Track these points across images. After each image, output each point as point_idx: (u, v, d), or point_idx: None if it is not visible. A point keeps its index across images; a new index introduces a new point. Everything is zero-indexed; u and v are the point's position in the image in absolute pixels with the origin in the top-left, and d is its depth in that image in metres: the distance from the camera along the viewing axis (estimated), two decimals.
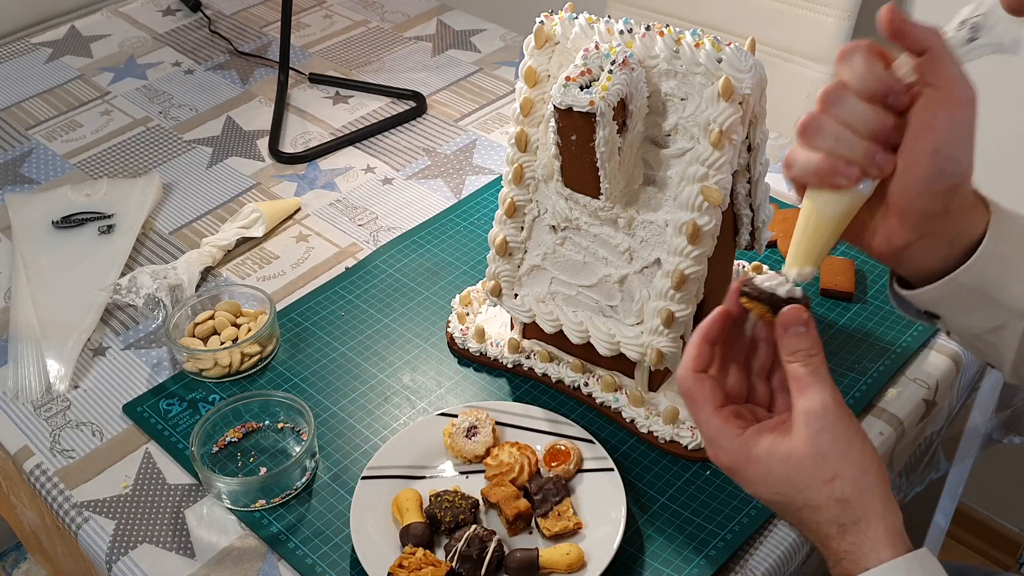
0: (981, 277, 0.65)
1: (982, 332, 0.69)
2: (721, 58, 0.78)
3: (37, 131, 1.37)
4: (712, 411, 0.65)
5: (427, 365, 0.99)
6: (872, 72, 0.60)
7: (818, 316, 1.01)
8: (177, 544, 0.84)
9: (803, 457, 0.62)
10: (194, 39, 1.58)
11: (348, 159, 1.30)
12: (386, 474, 0.86)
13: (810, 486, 0.62)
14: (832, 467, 0.61)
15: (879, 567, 0.60)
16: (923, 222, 0.63)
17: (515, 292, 0.93)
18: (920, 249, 0.65)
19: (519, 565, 0.78)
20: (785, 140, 1.28)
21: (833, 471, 0.61)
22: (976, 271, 0.65)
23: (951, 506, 1.33)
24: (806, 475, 0.62)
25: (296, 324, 1.04)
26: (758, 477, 0.63)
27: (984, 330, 0.69)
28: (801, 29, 1.51)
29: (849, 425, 0.62)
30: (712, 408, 0.65)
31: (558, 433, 0.89)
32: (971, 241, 0.65)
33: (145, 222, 1.19)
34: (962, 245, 0.65)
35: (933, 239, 0.64)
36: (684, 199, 0.82)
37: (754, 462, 0.63)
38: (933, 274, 0.66)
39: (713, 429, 0.65)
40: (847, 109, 0.61)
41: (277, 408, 0.93)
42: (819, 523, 0.62)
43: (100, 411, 0.96)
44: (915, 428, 0.93)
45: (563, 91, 0.78)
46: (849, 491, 0.61)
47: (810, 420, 0.62)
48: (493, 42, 1.53)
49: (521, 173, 0.89)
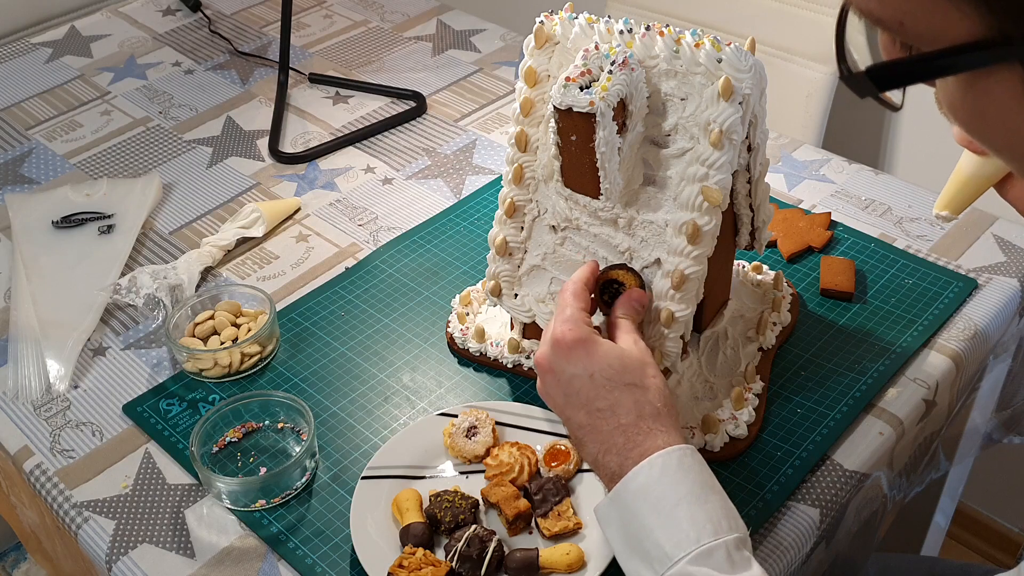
0: None
1: None
2: (721, 58, 0.78)
3: (37, 131, 1.37)
4: (580, 307, 0.80)
5: (427, 365, 0.99)
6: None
7: (818, 316, 1.01)
8: (177, 544, 0.84)
9: (632, 357, 0.77)
10: (194, 39, 1.58)
11: (348, 159, 1.30)
12: (386, 474, 0.86)
13: (640, 372, 0.76)
14: (652, 371, 0.77)
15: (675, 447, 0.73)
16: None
17: (515, 292, 0.93)
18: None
19: (519, 565, 0.78)
20: (785, 140, 1.28)
21: (653, 372, 0.77)
22: None
23: (951, 506, 1.33)
24: (638, 364, 0.77)
25: (296, 324, 1.04)
26: (602, 354, 0.76)
27: None
28: (801, 29, 1.51)
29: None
30: (580, 306, 0.80)
31: (558, 433, 0.89)
32: None
33: (145, 222, 1.19)
34: None
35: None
36: (684, 199, 0.82)
37: (600, 344, 0.77)
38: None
39: (573, 314, 0.78)
40: None
41: (277, 408, 0.93)
42: (639, 403, 0.75)
43: (100, 411, 0.96)
44: (915, 428, 0.93)
45: (563, 91, 0.78)
46: (663, 385, 0.77)
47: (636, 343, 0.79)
48: (493, 42, 1.53)
49: (521, 173, 0.89)
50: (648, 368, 0.77)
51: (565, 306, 0.79)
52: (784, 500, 0.84)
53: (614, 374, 0.76)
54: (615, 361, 0.76)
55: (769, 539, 0.82)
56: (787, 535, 0.82)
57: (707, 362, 0.93)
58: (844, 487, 0.86)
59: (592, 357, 0.76)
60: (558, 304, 0.81)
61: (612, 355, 0.77)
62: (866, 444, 0.89)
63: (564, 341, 0.77)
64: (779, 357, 0.97)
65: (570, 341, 0.77)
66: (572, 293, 0.81)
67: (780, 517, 0.83)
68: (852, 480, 0.87)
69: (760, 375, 0.93)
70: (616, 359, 0.76)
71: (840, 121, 1.62)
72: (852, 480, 0.87)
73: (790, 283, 1.04)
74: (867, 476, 0.88)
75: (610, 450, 0.74)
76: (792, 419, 0.91)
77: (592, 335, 0.77)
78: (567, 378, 0.77)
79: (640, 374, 0.76)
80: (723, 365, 0.93)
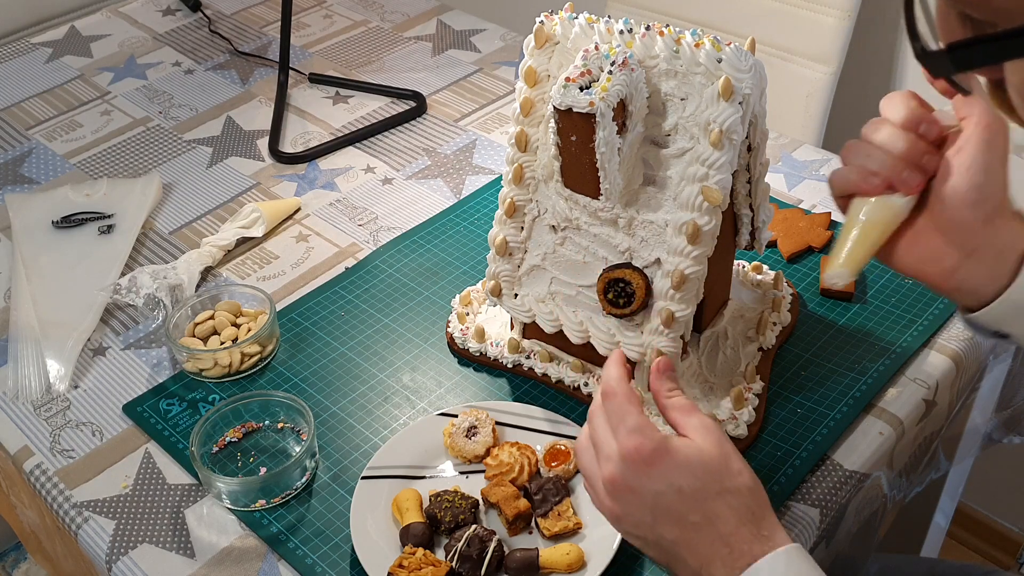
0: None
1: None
2: (721, 58, 0.78)
3: (37, 131, 1.37)
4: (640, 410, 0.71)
5: (427, 365, 0.99)
6: (906, 106, 0.70)
7: (818, 316, 1.01)
8: (177, 544, 0.84)
9: (713, 455, 0.69)
10: (194, 39, 1.58)
11: (348, 159, 1.30)
12: (386, 474, 0.86)
13: (727, 474, 0.69)
14: (737, 463, 0.69)
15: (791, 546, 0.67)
16: (966, 236, 0.69)
17: (515, 292, 0.93)
18: (970, 269, 0.70)
19: (519, 565, 0.78)
20: (785, 140, 1.28)
21: (738, 466, 0.69)
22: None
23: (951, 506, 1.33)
24: (720, 465, 0.69)
25: (296, 324, 1.04)
26: (679, 465, 0.68)
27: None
28: (801, 29, 1.51)
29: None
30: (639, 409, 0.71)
31: (558, 433, 0.89)
32: (1018, 255, 0.70)
33: (145, 222, 1.19)
34: (1010, 260, 0.70)
35: (980, 255, 0.70)
36: (684, 199, 0.82)
37: (676, 452, 0.69)
38: (992, 298, 0.71)
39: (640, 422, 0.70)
40: (881, 134, 0.70)
41: (277, 408, 0.93)
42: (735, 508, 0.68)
43: (100, 411, 0.96)
44: (915, 428, 0.93)
45: (563, 92, 0.78)
46: (752, 481, 0.69)
47: (708, 431, 0.70)
48: (493, 42, 1.53)
49: (521, 173, 0.89)
50: (732, 463, 0.69)
51: (624, 414, 0.70)
52: (784, 500, 0.84)
53: (704, 484, 0.68)
54: (698, 468, 0.68)
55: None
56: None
57: (707, 362, 0.93)
58: (844, 487, 0.86)
59: (676, 469, 0.68)
60: (609, 411, 0.72)
61: (695, 461, 0.69)
62: (866, 444, 0.89)
63: (641, 455, 0.68)
64: (779, 357, 0.97)
65: (648, 455, 0.68)
66: (624, 397, 0.71)
67: (780, 517, 0.83)
68: (852, 480, 0.87)
69: (760, 375, 0.93)
70: (699, 465, 0.68)
71: (840, 121, 1.62)
72: (852, 480, 0.87)
73: (790, 283, 1.04)
74: (867, 476, 0.88)
75: (713, 562, 0.67)
76: (792, 419, 0.91)
77: (667, 442, 0.69)
78: (652, 496, 0.68)
79: (727, 473, 0.69)
80: (723, 365, 0.93)
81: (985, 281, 0.71)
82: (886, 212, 0.71)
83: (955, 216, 0.69)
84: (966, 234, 0.69)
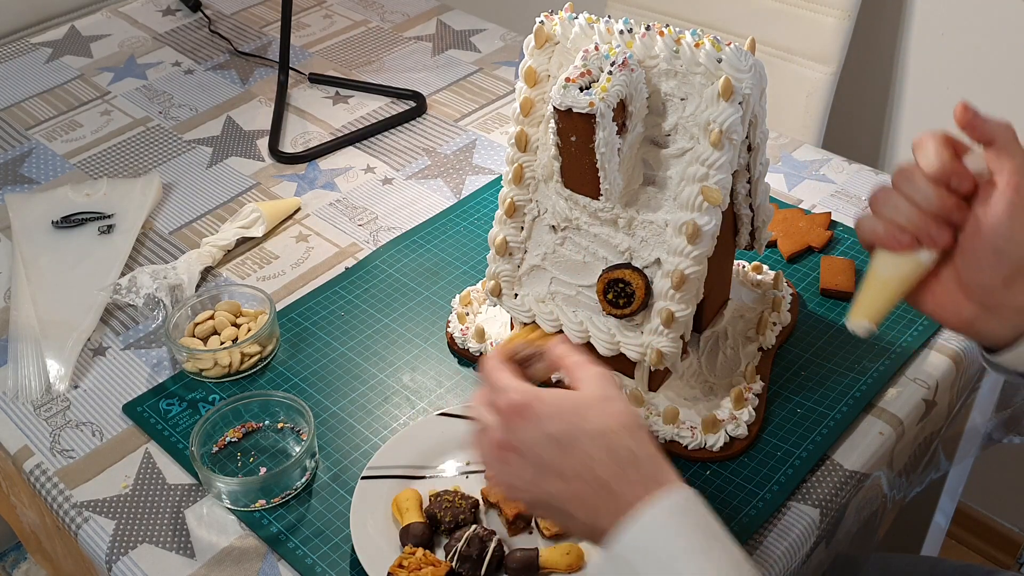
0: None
1: None
2: (721, 58, 0.78)
3: (37, 131, 1.37)
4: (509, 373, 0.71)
5: (427, 365, 0.99)
6: (939, 157, 0.68)
7: (818, 316, 1.01)
8: (177, 544, 0.84)
9: (587, 397, 0.67)
10: (194, 39, 1.58)
11: (348, 159, 1.30)
12: (386, 474, 0.86)
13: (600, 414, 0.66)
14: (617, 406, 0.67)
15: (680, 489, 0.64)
16: (985, 295, 0.69)
17: (515, 292, 0.93)
18: (989, 321, 0.70)
19: (519, 565, 0.78)
20: (785, 140, 1.28)
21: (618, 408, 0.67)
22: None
23: (951, 506, 1.33)
24: (596, 406, 0.67)
25: (296, 324, 1.04)
26: (549, 411, 0.66)
27: None
28: (801, 29, 1.51)
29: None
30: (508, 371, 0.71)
31: None
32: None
33: (145, 222, 1.19)
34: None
35: (999, 311, 0.70)
36: (684, 199, 0.82)
37: (545, 398, 0.67)
38: (1010, 340, 0.71)
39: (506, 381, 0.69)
40: (912, 186, 0.69)
41: (277, 408, 0.93)
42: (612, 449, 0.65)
43: (100, 411, 0.96)
44: (915, 428, 0.93)
45: (563, 92, 0.78)
46: (633, 421, 0.67)
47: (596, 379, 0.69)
48: (493, 42, 1.53)
49: (521, 173, 0.89)
50: (610, 404, 0.67)
51: (494, 381, 0.70)
52: (784, 500, 0.84)
53: (574, 426, 0.66)
54: (569, 411, 0.67)
55: (769, 539, 0.82)
56: (787, 535, 0.82)
57: (707, 362, 0.93)
58: (844, 487, 0.86)
59: (547, 416, 0.67)
60: (483, 386, 0.71)
61: (566, 405, 0.67)
62: (866, 444, 0.89)
63: (513, 408, 0.67)
64: (779, 357, 0.97)
65: (518, 406, 0.67)
66: (491, 367, 0.71)
67: (780, 517, 0.83)
68: (852, 480, 0.87)
69: (760, 375, 0.93)
70: (570, 409, 0.67)
71: (840, 121, 1.62)
72: (852, 480, 0.87)
73: (790, 283, 1.04)
74: (867, 476, 0.88)
75: (599, 511, 0.65)
76: (792, 419, 0.91)
77: (537, 392, 0.68)
78: (530, 449, 0.67)
79: (600, 414, 0.66)
80: (723, 365, 0.94)
81: (1003, 332, 0.71)
82: (911, 267, 0.71)
83: (975, 275, 0.69)
84: (984, 293, 0.69)
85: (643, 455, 0.66)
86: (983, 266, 0.68)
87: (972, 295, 0.70)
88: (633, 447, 0.66)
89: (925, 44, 1.52)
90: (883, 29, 1.55)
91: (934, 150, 0.68)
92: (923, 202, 0.68)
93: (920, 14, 1.50)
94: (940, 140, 0.69)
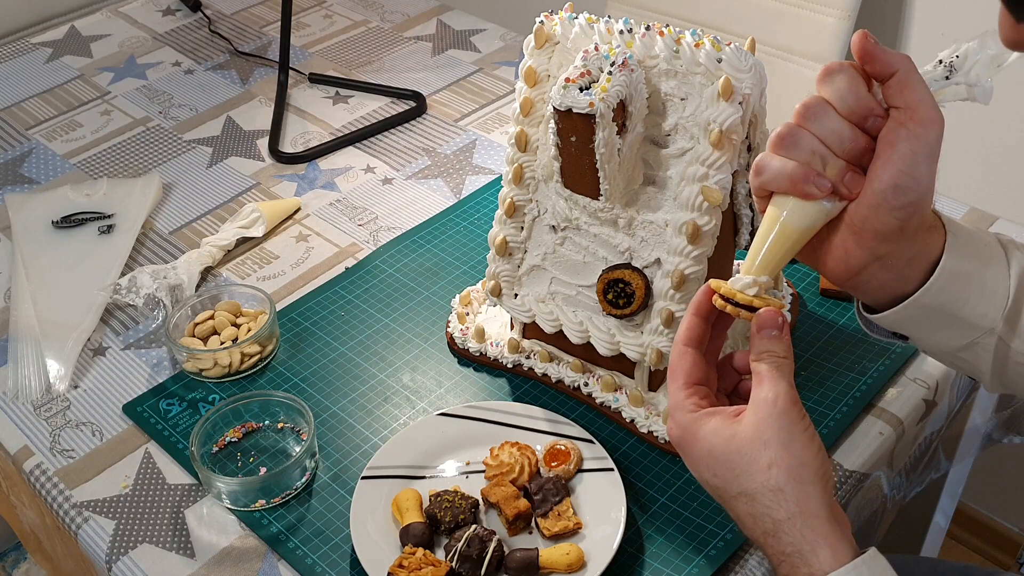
0: (941, 297, 0.65)
1: (954, 350, 0.69)
2: (721, 58, 0.78)
3: (37, 131, 1.37)
4: (681, 384, 0.65)
5: (427, 365, 0.99)
6: (854, 92, 0.61)
7: (818, 316, 1.01)
8: (177, 544, 0.84)
9: (745, 442, 0.60)
10: (194, 39, 1.58)
11: (348, 159, 1.30)
12: (386, 474, 0.86)
13: (746, 472, 0.60)
14: (770, 455, 0.60)
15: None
16: (878, 243, 0.63)
17: (515, 292, 0.93)
18: (876, 271, 0.64)
19: (519, 565, 0.78)
20: None
21: (770, 459, 0.59)
22: (936, 292, 0.65)
23: (951, 506, 1.33)
24: (744, 460, 0.60)
25: (296, 324, 1.04)
26: (700, 456, 0.62)
27: (955, 348, 0.69)
28: (801, 29, 1.51)
29: (797, 420, 0.61)
30: (681, 382, 0.65)
31: (558, 433, 0.89)
32: (929, 262, 0.65)
33: (145, 222, 1.19)
34: (921, 266, 0.65)
35: (889, 260, 0.64)
36: (684, 199, 0.82)
37: (699, 440, 0.62)
38: (895, 298, 0.66)
39: (674, 401, 0.65)
40: (825, 125, 0.61)
41: (277, 408, 0.93)
42: (754, 516, 0.60)
43: (100, 411, 0.96)
44: (915, 428, 0.93)
45: (562, 93, 0.78)
46: (784, 480, 0.59)
47: (759, 408, 0.61)
48: (493, 42, 1.53)
49: (521, 173, 0.89)
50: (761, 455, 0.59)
51: (670, 391, 0.65)
52: None
53: (723, 483, 0.61)
54: (720, 462, 0.61)
55: None
56: None
57: None
58: (844, 487, 0.86)
59: (700, 459, 0.63)
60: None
61: (718, 452, 0.61)
62: (866, 444, 0.89)
63: (675, 440, 0.64)
64: None
65: (678, 440, 0.64)
66: (670, 371, 0.65)
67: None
68: (852, 480, 0.87)
69: None
70: (722, 459, 0.61)
71: None
72: (852, 480, 0.87)
73: (790, 283, 1.04)
74: (867, 476, 0.88)
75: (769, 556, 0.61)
76: None
77: (693, 427, 0.63)
78: (695, 473, 0.64)
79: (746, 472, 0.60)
80: None
81: (888, 284, 0.65)
82: (817, 215, 0.63)
83: (869, 222, 0.62)
84: (877, 240, 0.63)
85: (786, 526, 0.59)
86: (882, 208, 0.61)
87: (864, 241, 0.63)
88: (776, 514, 0.59)
89: (925, 44, 1.52)
90: (883, 29, 1.55)
91: (848, 83, 0.61)
92: (837, 144, 0.61)
93: (920, 14, 1.50)
94: (851, 69, 0.61)
